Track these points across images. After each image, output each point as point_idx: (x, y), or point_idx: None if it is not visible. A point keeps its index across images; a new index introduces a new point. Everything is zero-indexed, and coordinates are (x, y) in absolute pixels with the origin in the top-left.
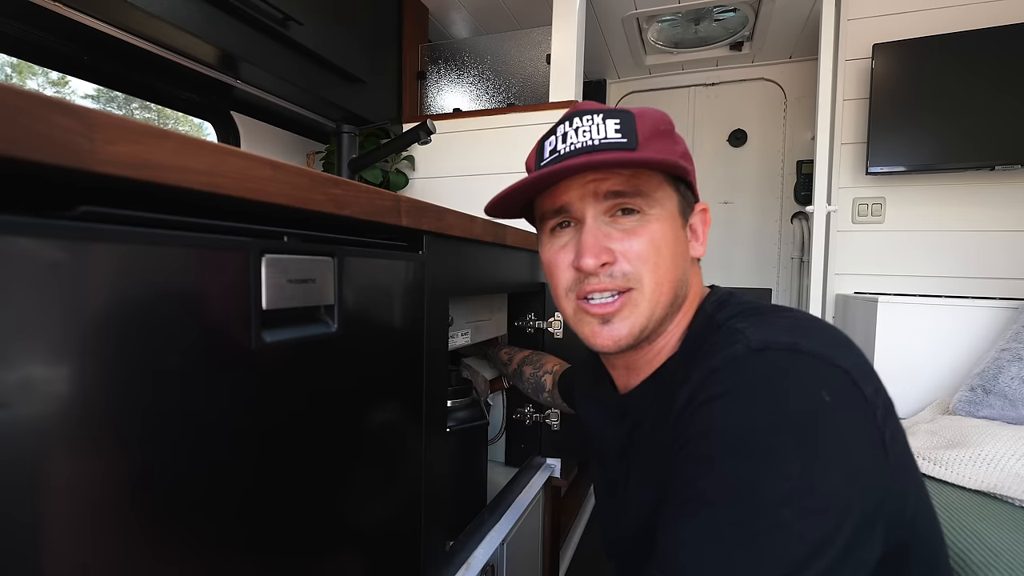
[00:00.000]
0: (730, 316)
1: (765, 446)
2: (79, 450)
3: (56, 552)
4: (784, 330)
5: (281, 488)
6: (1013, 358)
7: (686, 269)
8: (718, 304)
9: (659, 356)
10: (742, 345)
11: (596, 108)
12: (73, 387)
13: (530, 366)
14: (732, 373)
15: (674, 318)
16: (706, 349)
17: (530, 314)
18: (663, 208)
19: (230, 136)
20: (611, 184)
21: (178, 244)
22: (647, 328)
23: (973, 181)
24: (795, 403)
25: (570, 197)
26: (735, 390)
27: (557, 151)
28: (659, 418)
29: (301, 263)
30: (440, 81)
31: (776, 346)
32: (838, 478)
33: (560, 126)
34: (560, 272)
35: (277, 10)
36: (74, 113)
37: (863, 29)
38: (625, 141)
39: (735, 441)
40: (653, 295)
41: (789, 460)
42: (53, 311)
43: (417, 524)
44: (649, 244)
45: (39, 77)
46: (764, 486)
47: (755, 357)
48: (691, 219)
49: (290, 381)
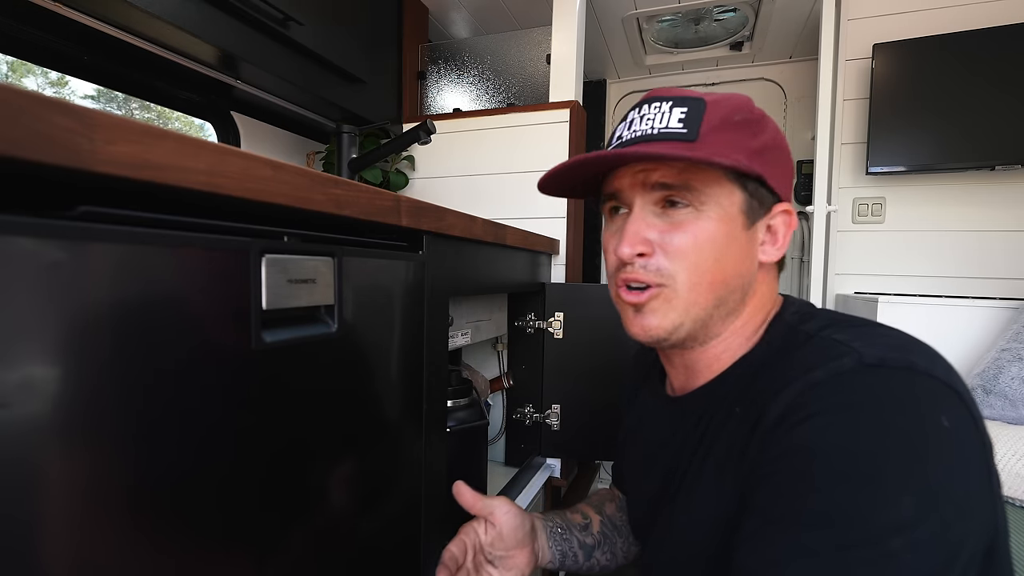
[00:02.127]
0: (822, 327)
1: (877, 470)
2: (79, 450)
3: (56, 551)
4: (895, 346)
5: (281, 488)
6: (1013, 358)
7: (744, 273)
8: (800, 314)
9: (720, 361)
10: (851, 359)
11: (671, 95)
12: (73, 387)
13: None
14: (840, 388)
15: (730, 321)
16: (798, 361)
17: (530, 314)
18: (718, 206)
19: (230, 136)
20: (659, 175)
21: (178, 244)
22: (684, 326)
23: (973, 181)
24: (912, 426)
25: (621, 184)
26: (844, 407)
27: (621, 137)
28: (732, 425)
29: (301, 263)
30: (440, 81)
31: (891, 363)
32: (953, 510)
33: (632, 111)
34: (608, 256)
35: (277, 10)
36: (74, 113)
37: (863, 29)
38: (686, 132)
39: (843, 462)
40: (689, 294)
41: (903, 487)
42: (53, 311)
43: (417, 524)
44: (691, 241)
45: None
46: (873, 513)
47: (868, 373)
48: (769, 220)
49: (290, 381)
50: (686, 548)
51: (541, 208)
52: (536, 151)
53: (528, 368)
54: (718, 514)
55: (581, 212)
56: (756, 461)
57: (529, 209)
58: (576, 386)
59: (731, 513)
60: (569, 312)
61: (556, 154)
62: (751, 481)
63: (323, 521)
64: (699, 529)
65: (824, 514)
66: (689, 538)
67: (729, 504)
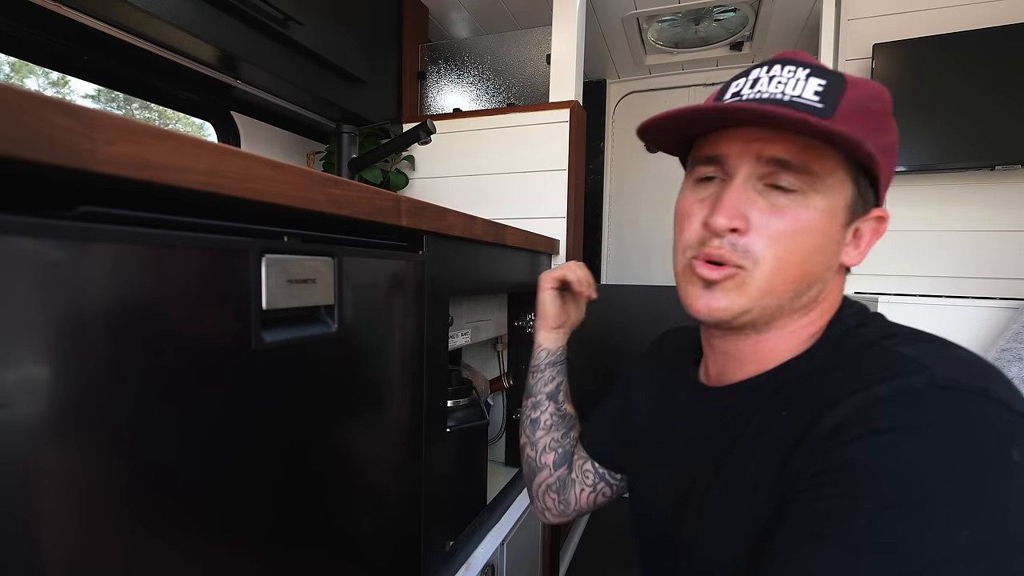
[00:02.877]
0: (884, 336)
1: (937, 497)
2: (79, 450)
3: (56, 550)
4: (970, 370)
5: (281, 488)
6: (1013, 358)
7: (825, 272)
8: (860, 318)
9: (772, 354)
10: (922, 378)
11: (808, 61)
12: (73, 387)
13: None
14: (907, 407)
15: (796, 318)
16: (860, 371)
17: (530, 314)
18: (827, 197)
19: (230, 136)
20: (778, 150)
21: (178, 244)
22: (751, 312)
23: (973, 181)
24: (980, 456)
25: (730, 149)
26: (910, 428)
27: (740, 94)
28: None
29: (301, 263)
30: (440, 81)
31: (966, 387)
32: (1010, 547)
33: (757, 69)
34: (690, 224)
35: (277, 10)
36: (74, 113)
37: (863, 29)
38: (821, 107)
39: (902, 485)
40: (767, 282)
41: (965, 519)
42: (53, 311)
43: (417, 524)
44: (791, 228)
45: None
46: (931, 541)
47: (939, 395)
48: (860, 223)
49: (290, 381)
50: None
51: (541, 208)
52: (536, 151)
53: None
54: (752, 521)
55: (581, 212)
56: (800, 472)
57: (529, 209)
58: (576, 386)
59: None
60: None
61: (556, 154)
62: (792, 492)
63: (323, 520)
64: (731, 537)
65: (876, 536)
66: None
67: (764, 510)
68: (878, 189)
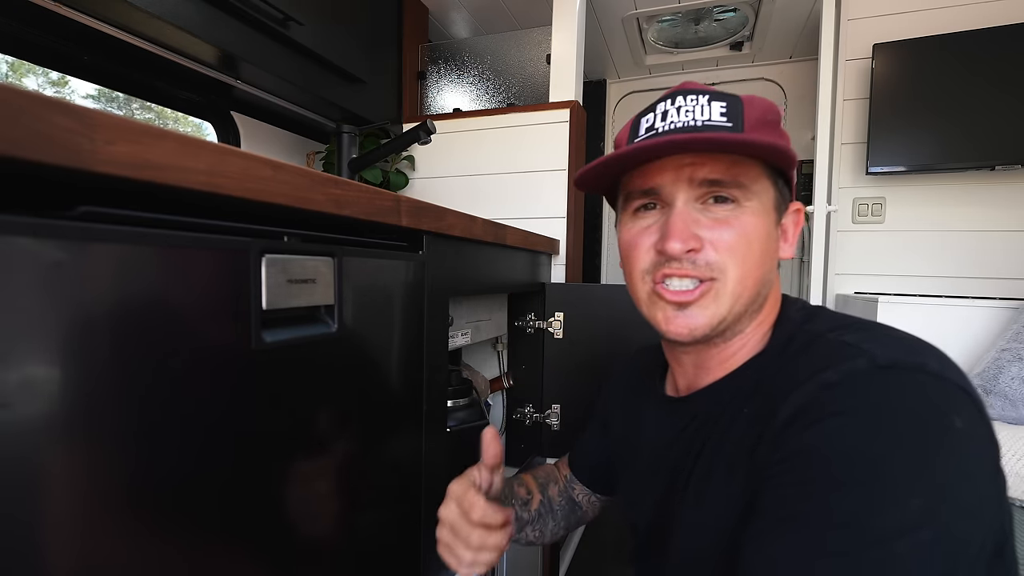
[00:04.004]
0: (831, 328)
1: (887, 472)
2: (79, 450)
3: (57, 550)
4: (906, 348)
5: (281, 488)
6: (1013, 358)
7: (772, 268)
8: (806, 314)
9: (733, 358)
10: (864, 360)
11: (702, 89)
12: (73, 387)
13: (550, 484)
14: (854, 391)
15: (753, 319)
16: (809, 362)
17: (530, 314)
18: (759, 201)
19: (230, 136)
20: (708, 171)
21: (178, 244)
22: (725, 321)
23: (973, 181)
24: (924, 428)
25: (663, 179)
26: (857, 409)
27: (655, 128)
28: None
29: (301, 263)
30: (440, 81)
31: (904, 365)
32: (961, 513)
33: (661, 103)
34: (639, 254)
35: (277, 10)
36: (74, 113)
37: (863, 29)
38: (730, 126)
39: (853, 464)
40: (736, 288)
41: (912, 490)
42: (53, 311)
43: (417, 524)
44: (740, 236)
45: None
46: (881, 515)
47: (881, 375)
48: (784, 218)
49: (290, 381)
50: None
51: (541, 208)
52: (536, 151)
53: (528, 368)
54: (729, 514)
55: (581, 212)
56: (765, 461)
57: (529, 209)
58: (576, 386)
59: (741, 513)
60: (569, 312)
61: (556, 154)
62: (759, 480)
63: (324, 520)
64: (710, 529)
65: (832, 515)
66: (700, 538)
67: (739, 504)
68: (791, 186)
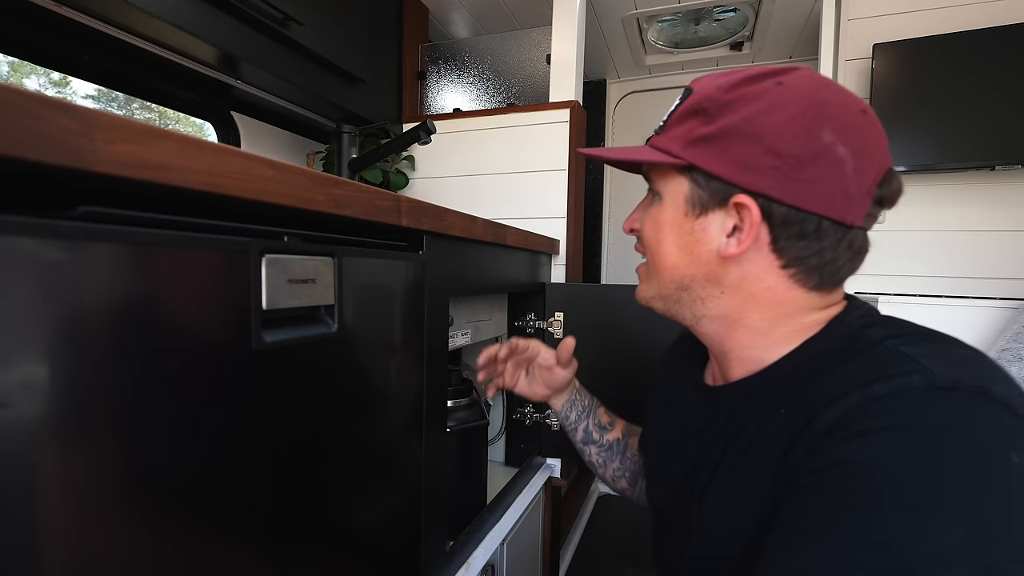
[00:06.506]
0: (889, 336)
1: (931, 498)
2: (79, 449)
3: (58, 549)
4: (971, 369)
5: (281, 488)
6: (1013, 358)
7: (702, 263)
8: (867, 319)
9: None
10: (922, 377)
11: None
12: (73, 387)
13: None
14: (905, 408)
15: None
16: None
17: (530, 314)
18: (669, 195)
19: (230, 136)
20: (646, 166)
21: (178, 244)
22: (655, 300)
23: (973, 181)
24: (982, 460)
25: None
26: (911, 428)
27: None
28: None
29: (301, 263)
30: (440, 81)
31: (965, 388)
32: (1004, 550)
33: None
34: None
35: (277, 10)
36: (74, 113)
37: (863, 29)
38: (662, 125)
39: (895, 485)
40: (655, 265)
41: (956, 521)
42: (53, 311)
43: (417, 524)
44: (649, 225)
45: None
46: (919, 542)
47: (938, 396)
48: (719, 212)
49: (290, 381)
50: (715, 546)
51: (541, 208)
52: (536, 151)
53: None
54: (750, 515)
55: (581, 212)
56: (797, 468)
57: (529, 209)
58: None
59: (763, 516)
60: (569, 312)
61: (556, 154)
62: (788, 487)
63: (323, 520)
64: (729, 528)
65: (870, 534)
66: (718, 537)
67: (762, 507)
68: (721, 177)
